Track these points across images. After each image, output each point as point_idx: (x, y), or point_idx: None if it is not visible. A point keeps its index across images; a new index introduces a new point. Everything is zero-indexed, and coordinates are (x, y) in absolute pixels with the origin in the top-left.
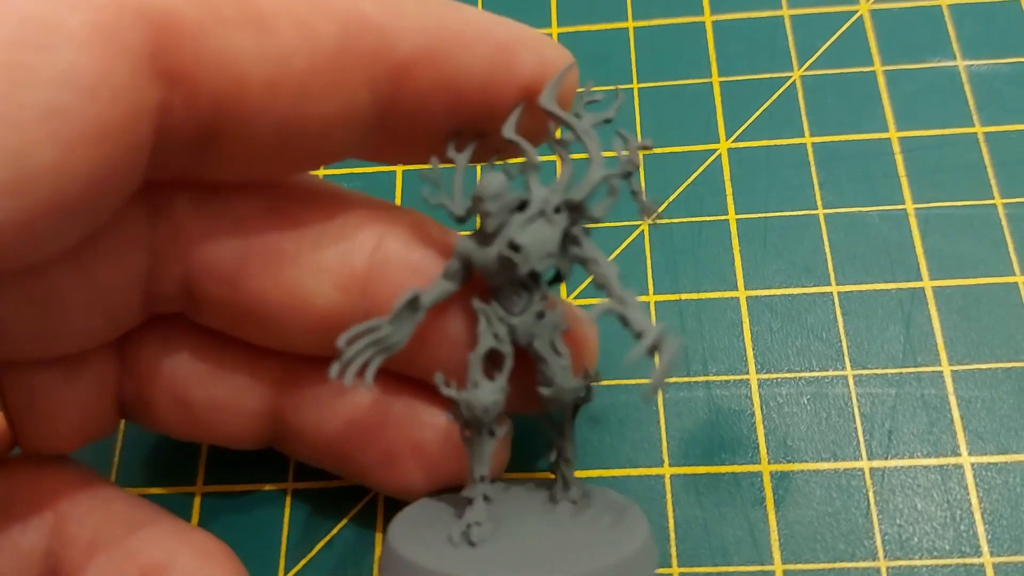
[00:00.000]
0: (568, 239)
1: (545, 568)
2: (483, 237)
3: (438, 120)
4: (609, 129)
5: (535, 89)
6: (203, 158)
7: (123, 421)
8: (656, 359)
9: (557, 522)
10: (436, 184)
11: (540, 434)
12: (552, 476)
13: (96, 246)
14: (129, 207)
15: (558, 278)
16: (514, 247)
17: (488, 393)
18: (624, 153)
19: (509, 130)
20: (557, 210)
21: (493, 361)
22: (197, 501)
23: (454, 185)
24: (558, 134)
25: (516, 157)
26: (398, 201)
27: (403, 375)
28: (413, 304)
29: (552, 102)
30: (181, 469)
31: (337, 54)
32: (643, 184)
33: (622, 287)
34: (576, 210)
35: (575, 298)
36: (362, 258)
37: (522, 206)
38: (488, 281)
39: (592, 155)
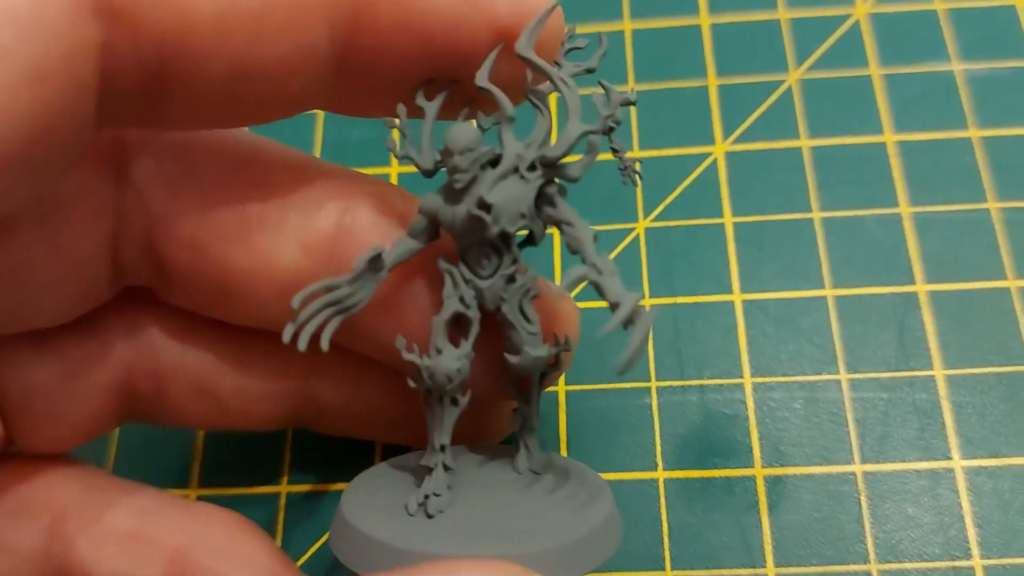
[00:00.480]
0: (542, 199)
1: (499, 543)
2: (451, 194)
3: (404, 66)
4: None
5: (512, 35)
6: (154, 104)
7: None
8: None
9: (518, 493)
10: (403, 134)
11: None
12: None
13: (62, 212)
14: (93, 170)
15: (530, 240)
16: (484, 206)
17: (451, 360)
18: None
19: (482, 78)
20: (531, 167)
21: (460, 327)
22: None
23: (422, 136)
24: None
25: (491, 109)
26: None
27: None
28: (375, 263)
29: (529, 48)
30: (175, 472)
31: None
32: (639, 187)
33: (598, 253)
34: (551, 168)
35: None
36: (329, 222)
37: (494, 162)
38: (456, 241)
39: (570, 108)
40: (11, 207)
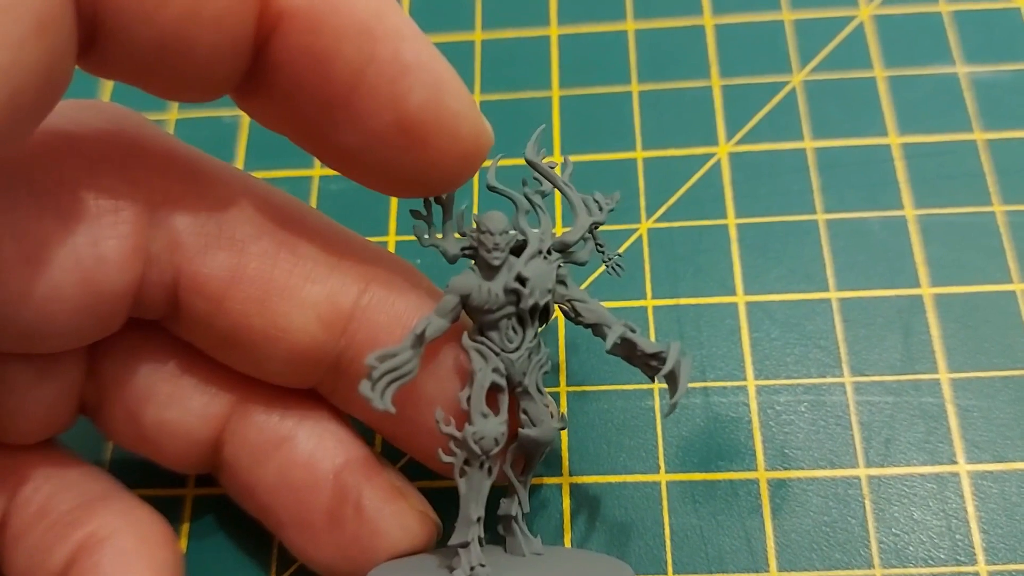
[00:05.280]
0: (556, 279)
1: None
2: (486, 272)
3: (302, 91)
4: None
5: (412, 130)
6: (85, 57)
7: None
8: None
9: (544, 568)
10: (429, 224)
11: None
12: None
13: (97, 253)
14: (132, 216)
15: (544, 318)
16: (521, 279)
17: (497, 425)
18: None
19: (492, 179)
20: (549, 252)
21: (487, 399)
22: (189, 503)
23: (445, 227)
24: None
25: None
26: (393, 208)
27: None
28: (422, 335)
29: (535, 155)
30: (172, 473)
31: None
32: (642, 188)
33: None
34: (564, 252)
35: None
36: (349, 299)
37: (514, 250)
38: (480, 319)
39: (576, 204)
40: (13, 148)
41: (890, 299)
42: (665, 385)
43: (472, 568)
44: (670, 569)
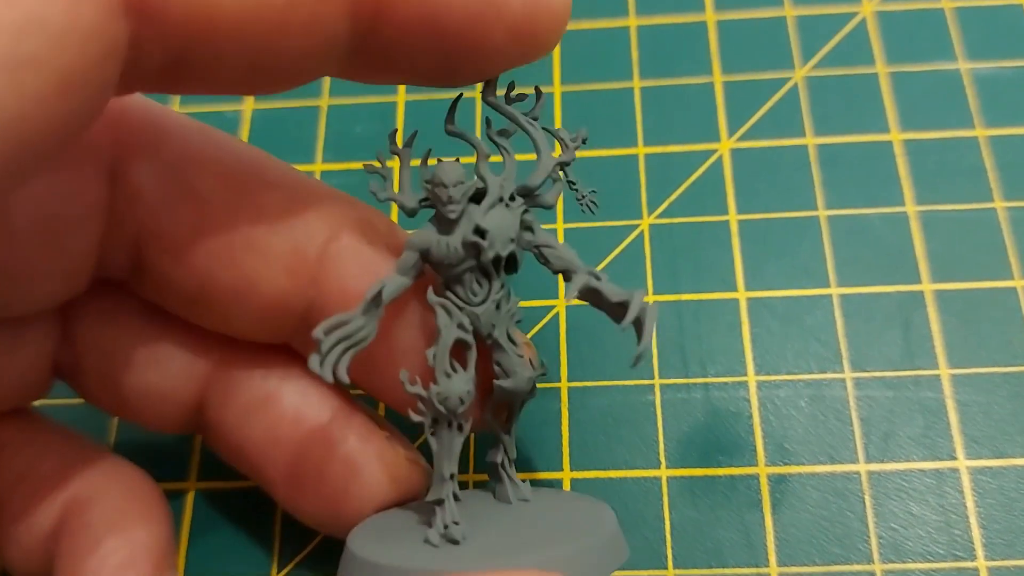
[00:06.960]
0: (522, 226)
1: (517, 555)
2: (443, 226)
3: (418, 56)
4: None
5: (525, 32)
6: (169, 81)
7: (115, 419)
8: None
9: (520, 517)
10: (385, 178)
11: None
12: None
13: (58, 210)
14: (91, 171)
15: (511, 267)
16: (480, 232)
17: (462, 383)
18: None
19: (451, 123)
20: (512, 198)
21: (455, 354)
22: (191, 497)
23: (402, 179)
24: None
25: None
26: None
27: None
28: (378, 299)
29: (492, 94)
30: (174, 465)
31: None
32: (644, 184)
33: (586, 265)
34: (529, 197)
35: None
36: (315, 248)
37: (475, 197)
38: (443, 273)
39: (540, 145)
40: (13, 190)
41: (891, 295)
42: (665, 380)
43: (446, 527)
44: (670, 564)
